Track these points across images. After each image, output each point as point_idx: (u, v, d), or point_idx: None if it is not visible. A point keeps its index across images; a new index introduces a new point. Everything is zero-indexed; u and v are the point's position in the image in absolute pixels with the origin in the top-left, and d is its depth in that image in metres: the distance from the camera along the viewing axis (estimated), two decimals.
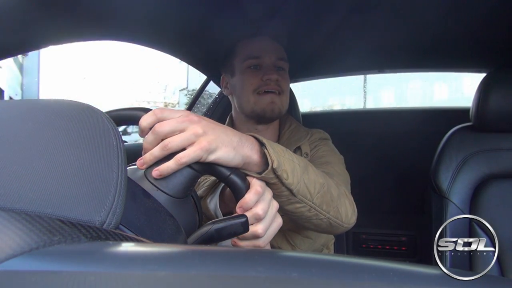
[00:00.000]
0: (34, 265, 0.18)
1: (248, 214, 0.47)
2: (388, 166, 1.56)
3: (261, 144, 0.52)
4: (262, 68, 0.87)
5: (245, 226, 0.47)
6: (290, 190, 0.54)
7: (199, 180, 0.87)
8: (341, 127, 1.61)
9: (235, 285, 0.18)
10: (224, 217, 0.48)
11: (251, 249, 0.42)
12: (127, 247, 0.24)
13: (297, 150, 0.87)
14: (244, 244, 0.49)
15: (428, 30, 0.99)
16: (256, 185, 0.49)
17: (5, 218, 0.20)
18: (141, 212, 0.38)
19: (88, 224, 0.24)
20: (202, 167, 0.46)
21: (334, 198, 0.63)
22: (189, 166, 0.45)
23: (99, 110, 0.34)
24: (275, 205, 0.52)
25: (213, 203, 0.68)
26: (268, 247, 0.53)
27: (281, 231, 0.81)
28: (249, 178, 0.50)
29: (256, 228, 0.48)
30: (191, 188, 0.47)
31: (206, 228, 0.45)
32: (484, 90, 1.03)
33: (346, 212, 0.67)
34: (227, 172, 0.47)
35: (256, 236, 0.48)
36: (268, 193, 0.51)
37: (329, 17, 0.91)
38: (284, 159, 0.53)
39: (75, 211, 0.25)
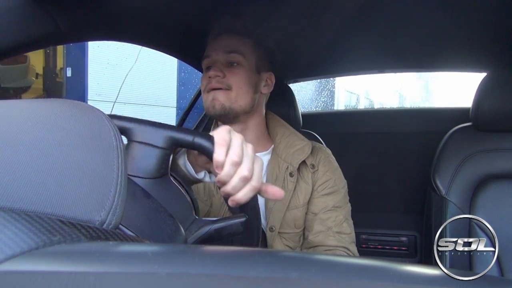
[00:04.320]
0: (33, 266, 0.18)
1: (226, 167, 0.46)
2: (388, 166, 1.56)
3: None
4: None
5: (245, 225, 0.47)
6: None
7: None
8: (341, 127, 1.61)
9: (235, 285, 0.18)
10: (224, 217, 0.48)
11: (251, 249, 0.42)
12: (127, 247, 0.24)
13: (303, 164, 0.85)
14: (241, 194, 0.47)
15: (428, 30, 0.99)
16: (218, 137, 0.47)
17: (4, 218, 0.20)
18: (141, 212, 0.38)
19: (88, 224, 0.24)
20: (166, 143, 0.46)
21: None
22: (152, 145, 0.45)
23: (99, 110, 0.34)
24: (249, 146, 0.50)
25: (181, 159, 0.67)
26: (266, 188, 0.51)
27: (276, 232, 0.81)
28: (212, 133, 0.49)
29: (240, 171, 0.46)
30: (163, 167, 0.47)
31: (206, 228, 0.45)
32: (483, 90, 1.03)
33: None
34: (190, 137, 0.46)
35: (245, 179, 0.47)
36: (237, 138, 0.49)
37: (329, 17, 0.91)
38: None
39: (75, 211, 0.25)
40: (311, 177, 0.85)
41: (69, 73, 4.49)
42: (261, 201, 0.65)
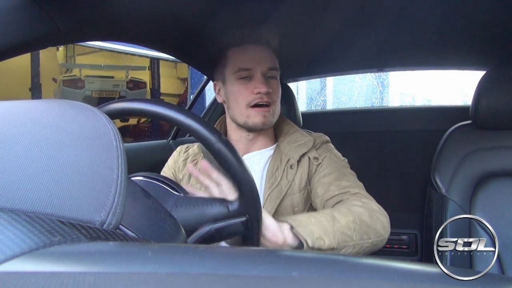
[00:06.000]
0: (34, 266, 0.18)
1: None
2: (389, 165, 1.56)
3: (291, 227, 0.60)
4: (253, 79, 0.85)
5: (245, 225, 0.47)
6: (332, 249, 0.61)
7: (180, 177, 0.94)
8: (341, 127, 1.61)
9: (235, 285, 0.18)
10: (224, 217, 0.48)
11: (251, 249, 0.42)
12: (127, 247, 0.24)
13: (304, 156, 0.88)
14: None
15: (428, 28, 0.99)
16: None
17: (4, 219, 0.20)
18: (141, 212, 0.38)
19: (88, 225, 0.24)
20: None
21: (368, 223, 0.69)
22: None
23: (99, 110, 0.34)
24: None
25: None
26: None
27: None
28: None
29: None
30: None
31: (207, 228, 0.46)
32: (483, 88, 1.03)
33: (383, 225, 0.72)
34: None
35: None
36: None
37: (329, 16, 0.91)
38: (312, 226, 0.60)
39: (75, 212, 0.25)
40: (314, 168, 0.88)
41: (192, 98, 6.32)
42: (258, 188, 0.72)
